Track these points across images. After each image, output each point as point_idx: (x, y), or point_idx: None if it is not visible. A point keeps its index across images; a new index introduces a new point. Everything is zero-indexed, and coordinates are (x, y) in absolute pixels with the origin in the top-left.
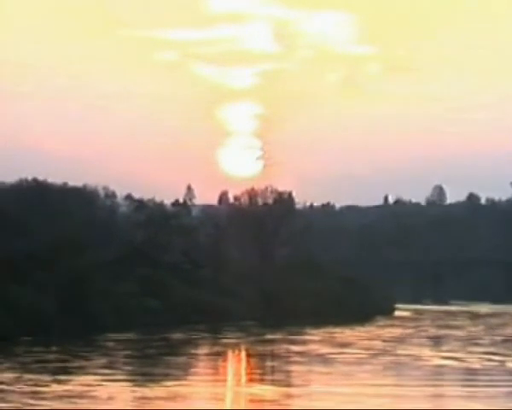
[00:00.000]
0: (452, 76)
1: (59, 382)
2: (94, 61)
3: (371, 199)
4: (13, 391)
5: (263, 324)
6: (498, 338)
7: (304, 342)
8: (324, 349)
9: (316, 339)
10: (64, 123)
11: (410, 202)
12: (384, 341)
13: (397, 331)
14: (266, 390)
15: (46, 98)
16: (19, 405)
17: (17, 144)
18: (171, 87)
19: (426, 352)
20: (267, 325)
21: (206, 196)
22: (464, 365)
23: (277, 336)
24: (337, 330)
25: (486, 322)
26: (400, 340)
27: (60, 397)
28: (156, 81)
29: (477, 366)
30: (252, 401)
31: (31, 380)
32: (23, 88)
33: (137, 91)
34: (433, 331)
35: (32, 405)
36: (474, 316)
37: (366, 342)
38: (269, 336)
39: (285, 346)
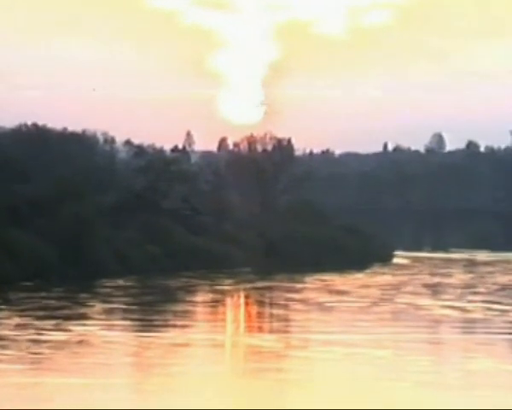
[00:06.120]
0: (457, 27)
1: (58, 328)
2: (89, 8)
3: (370, 146)
4: (12, 338)
5: (263, 271)
6: (498, 286)
7: (303, 290)
8: (323, 297)
9: (315, 287)
10: (63, 70)
11: (410, 150)
12: (383, 289)
13: (395, 279)
14: (266, 339)
15: (47, 46)
16: (19, 353)
17: (17, 89)
18: (168, 34)
19: (425, 300)
20: (267, 272)
21: (205, 143)
22: (464, 313)
23: (277, 283)
24: (336, 277)
25: (486, 270)
26: (399, 288)
27: (59, 343)
28: (152, 28)
29: (478, 314)
30: (251, 350)
31: (30, 326)
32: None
33: (137, 38)
34: (431, 279)
35: (31, 352)
36: (474, 264)
37: (365, 290)
38: (268, 284)
39: (284, 293)
